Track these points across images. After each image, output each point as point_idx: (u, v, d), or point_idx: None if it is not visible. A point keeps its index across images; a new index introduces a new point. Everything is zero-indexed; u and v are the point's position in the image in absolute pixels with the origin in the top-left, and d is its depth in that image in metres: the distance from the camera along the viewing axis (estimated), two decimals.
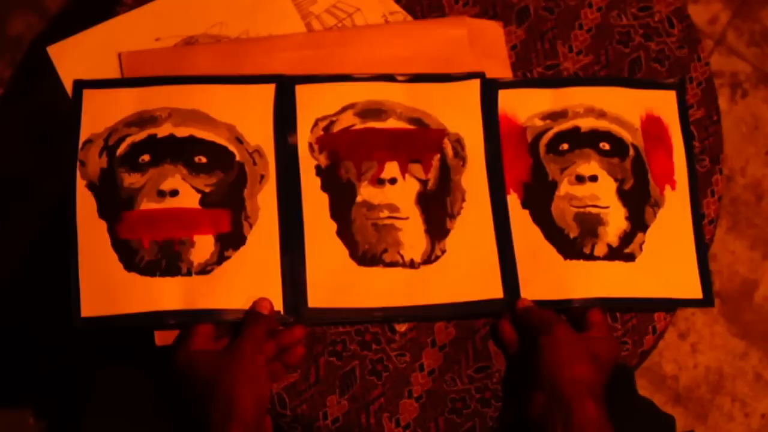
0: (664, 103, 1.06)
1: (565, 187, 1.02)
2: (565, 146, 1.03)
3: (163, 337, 0.95)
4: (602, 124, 1.04)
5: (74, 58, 1.01)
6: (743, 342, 1.66)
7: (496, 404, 0.97)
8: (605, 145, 1.03)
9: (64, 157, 0.98)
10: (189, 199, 0.97)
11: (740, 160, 1.74)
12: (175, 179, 0.97)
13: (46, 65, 1.01)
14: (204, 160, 0.98)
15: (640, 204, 1.02)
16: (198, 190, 0.97)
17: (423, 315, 0.98)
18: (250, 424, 0.83)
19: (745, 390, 1.64)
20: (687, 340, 1.65)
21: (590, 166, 1.02)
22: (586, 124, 1.04)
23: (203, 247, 0.96)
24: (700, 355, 1.65)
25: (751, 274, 1.69)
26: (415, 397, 0.97)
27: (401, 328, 0.98)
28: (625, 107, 1.05)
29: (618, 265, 1.00)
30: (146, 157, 0.98)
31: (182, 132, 0.99)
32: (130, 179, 0.97)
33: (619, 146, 1.03)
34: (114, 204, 0.96)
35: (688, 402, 1.62)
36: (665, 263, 1.01)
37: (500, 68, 1.06)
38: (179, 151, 0.98)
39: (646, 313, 1.01)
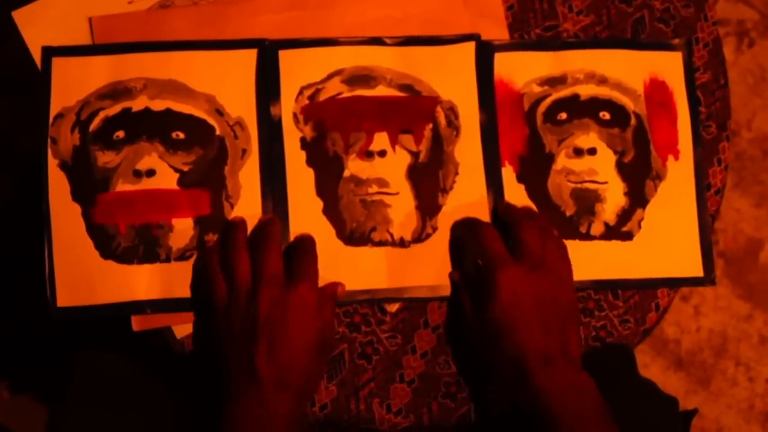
0: (669, 66, 1.04)
1: (562, 161, 1.00)
2: (564, 115, 1.01)
3: (140, 322, 0.94)
4: (603, 92, 1.01)
5: (41, 23, 0.98)
6: (748, 304, 1.66)
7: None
8: (605, 115, 1.01)
9: (36, 122, 0.95)
10: (166, 179, 0.95)
11: (746, 113, 1.72)
12: (151, 158, 0.95)
13: (11, 31, 0.98)
14: (182, 135, 0.96)
15: (640, 178, 1.00)
16: (176, 169, 0.95)
17: (412, 297, 0.96)
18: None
19: (750, 354, 1.64)
20: (689, 302, 1.65)
21: (589, 137, 1.00)
22: (586, 91, 1.01)
23: (182, 231, 0.94)
24: (703, 317, 1.64)
25: (757, 232, 1.68)
26: (407, 381, 0.96)
27: (392, 308, 0.96)
28: (627, 71, 1.03)
29: (614, 244, 0.99)
30: (121, 134, 0.95)
31: (158, 105, 0.96)
32: (105, 158, 0.95)
33: (620, 115, 1.01)
34: (88, 185, 0.94)
35: (691, 367, 1.62)
36: (664, 240, 1.00)
37: (496, 29, 1.03)
38: (155, 127, 0.96)
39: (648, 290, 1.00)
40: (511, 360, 0.86)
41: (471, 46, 1.00)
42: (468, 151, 0.98)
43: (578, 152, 0.99)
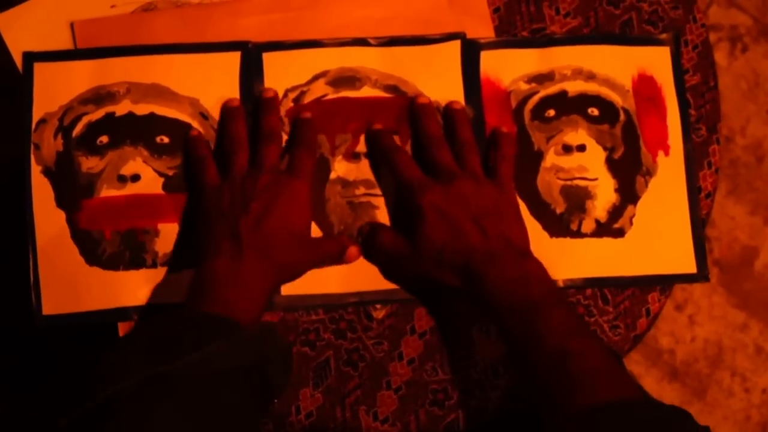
0: (657, 61, 1.04)
1: (551, 158, 1.00)
2: (552, 112, 1.01)
3: (127, 329, 0.94)
4: (591, 88, 1.02)
5: (23, 28, 0.98)
6: (743, 313, 1.66)
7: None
8: (594, 111, 1.01)
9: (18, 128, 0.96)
10: (151, 184, 0.95)
11: (740, 119, 1.72)
12: (136, 162, 0.95)
13: None
14: (166, 140, 0.96)
15: (630, 174, 1.01)
16: (161, 174, 0.95)
17: (402, 298, 0.96)
18: None
19: (746, 364, 1.65)
20: (684, 311, 1.65)
21: (578, 134, 1.00)
22: (574, 87, 1.02)
23: (168, 236, 0.94)
24: (697, 327, 1.65)
25: (751, 240, 1.68)
26: (394, 388, 0.95)
27: (379, 314, 0.96)
28: (615, 67, 1.03)
29: (606, 242, 0.99)
30: (104, 139, 0.95)
31: (142, 109, 0.96)
32: (89, 163, 0.95)
33: (608, 111, 1.02)
34: (72, 191, 0.94)
35: (686, 377, 1.62)
36: (656, 237, 1.00)
37: (482, 27, 1.03)
38: (139, 131, 0.96)
39: (639, 295, 0.99)
40: (458, 270, 0.89)
41: (456, 44, 1.01)
42: None
43: (567, 149, 1.00)
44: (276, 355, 0.83)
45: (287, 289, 0.94)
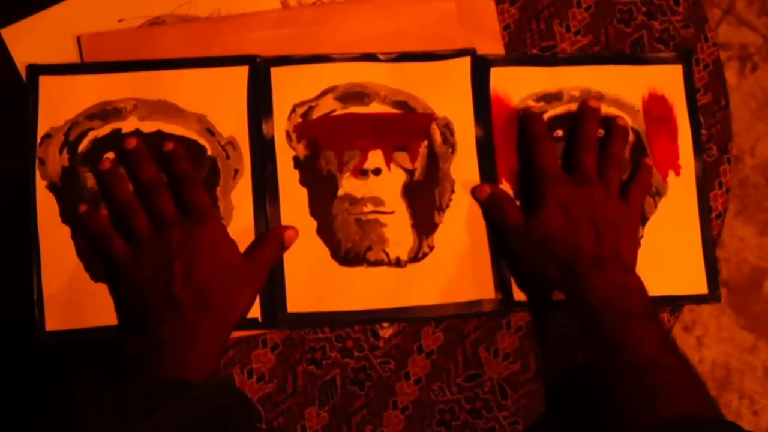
0: (669, 80, 1.04)
1: None
2: (560, 133, 1.01)
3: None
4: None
5: (30, 41, 0.98)
6: (752, 335, 1.66)
7: (488, 415, 0.96)
8: (602, 132, 1.01)
9: (23, 144, 0.96)
10: None
11: (749, 138, 1.73)
12: None
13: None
14: None
15: None
16: None
17: (410, 317, 0.96)
18: None
19: (754, 386, 1.64)
20: (692, 333, 1.65)
21: None
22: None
23: None
24: (705, 349, 1.65)
25: (761, 261, 1.68)
26: (401, 408, 0.96)
27: (385, 333, 0.97)
28: (625, 87, 1.03)
29: None
30: (111, 155, 0.96)
31: (149, 127, 0.97)
32: (94, 180, 0.95)
33: None
34: (78, 207, 0.94)
35: None
36: (666, 258, 1.00)
37: (492, 44, 1.04)
38: (146, 149, 0.96)
39: None
40: (562, 264, 0.91)
41: (466, 61, 1.01)
42: (464, 168, 0.99)
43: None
44: (234, 407, 0.83)
45: (293, 307, 0.94)
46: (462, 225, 0.98)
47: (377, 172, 0.98)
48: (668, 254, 1.00)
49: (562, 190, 0.93)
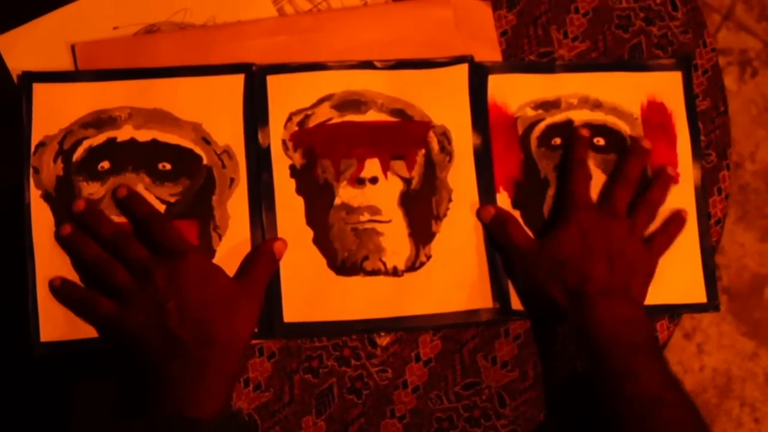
0: (668, 87, 1.04)
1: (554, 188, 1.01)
2: (558, 141, 1.01)
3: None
4: (597, 117, 1.02)
5: (24, 49, 0.98)
6: (753, 341, 1.66)
7: (486, 423, 0.96)
8: (600, 141, 1.01)
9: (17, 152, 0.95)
10: None
11: (749, 144, 1.73)
12: (137, 190, 0.95)
13: None
14: (168, 166, 0.96)
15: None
16: (163, 201, 0.95)
17: (407, 326, 0.96)
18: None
19: (756, 394, 1.64)
20: (692, 340, 1.65)
21: None
22: (579, 117, 1.02)
23: None
24: (706, 356, 1.64)
25: (761, 268, 1.68)
26: (398, 416, 0.95)
27: (383, 342, 0.97)
28: (623, 95, 1.03)
29: None
30: (106, 165, 0.95)
31: (144, 135, 0.97)
32: (89, 189, 0.95)
33: (615, 141, 1.02)
34: (72, 217, 0.94)
35: None
36: (665, 266, 0.99)
37: (489, 51, 1.04)
38: (141, 158, 0.96)
39: None
40: (570, 289, 0.91)
41: (464, 68, 1.01)
42: (462, 176, 0.99)
43: None
44: None
45: (290, 317, 0.94)
46: (459, 234, 0.98)
47: (374, 180, 0.98)
48: (666, 263, 0.99)
49: (586, 216, 0.94)
